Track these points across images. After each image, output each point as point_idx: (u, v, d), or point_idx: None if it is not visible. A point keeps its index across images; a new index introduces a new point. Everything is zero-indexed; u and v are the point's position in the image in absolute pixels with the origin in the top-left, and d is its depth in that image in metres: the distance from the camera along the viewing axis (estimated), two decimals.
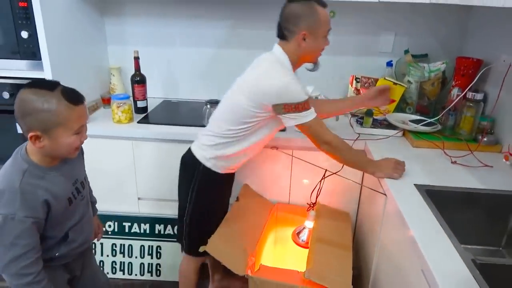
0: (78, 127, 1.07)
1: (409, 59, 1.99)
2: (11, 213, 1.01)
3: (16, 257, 1.02)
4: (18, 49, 1.71)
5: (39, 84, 1.03)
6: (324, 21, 1.35)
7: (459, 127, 1.72)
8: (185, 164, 1.53)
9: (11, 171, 1.05)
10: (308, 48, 1.37)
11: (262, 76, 1.35)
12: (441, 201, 1.22)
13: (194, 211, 1.52)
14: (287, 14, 1.35)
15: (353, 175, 1.73)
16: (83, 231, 1.23)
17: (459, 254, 0.97)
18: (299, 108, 1.30)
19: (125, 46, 2.19)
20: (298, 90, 1.30)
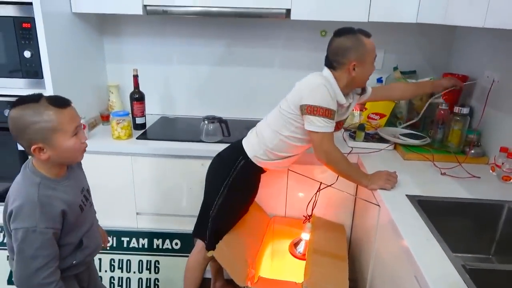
0: (74, 128, 1.10)
1: (398, 75, 2.07)
2: (32, 226, 1.04)
3: (38, 268, 1.05)
4: (21, 67, 1.75)
5: (23, 100, 1.05)
6: (370, 50, 1.44)
7: (447, 140, 1.79)
8: (221, 157, 1.62)
9: (25, 186, 1.08)
10: (358, 76, 1.45)
11: (303, 82, 1.47)
12: (432, 210, 1.27)
13: (224, 203, 1.57)
14: (335, 47, 1.45)
15: (348, 187, 1.78)
16: (94, 236, 1.27)
17: (450, 260, 1.02)
18: (319, 112, 1.38)
19: (123, 64, 2.25)
20: (327, 96, 1.38)
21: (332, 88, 1.42)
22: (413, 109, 2.05)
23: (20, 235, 1.04)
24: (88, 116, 1.97)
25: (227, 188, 1.55)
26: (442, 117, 1.79)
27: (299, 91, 1.45)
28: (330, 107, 1.39)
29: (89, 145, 1.86)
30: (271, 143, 1.53)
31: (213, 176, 1.62)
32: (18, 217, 1.05)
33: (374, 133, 1.93)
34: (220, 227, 1.60)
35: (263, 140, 1.54)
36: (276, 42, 2.18)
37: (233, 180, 1.55)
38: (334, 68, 1.46)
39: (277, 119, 1.52)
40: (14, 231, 1.05)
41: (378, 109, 2.05)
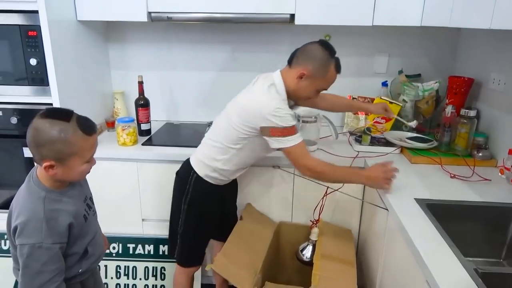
0: (91, 156, 1.10)
1: (403, 79, 2.07)
2: (38, 242, 1.02)
3: (44, 283, 1.03)
4: (26, 75, 1.76)
5: (54, 113, 1.04)
6: (327, 79, 1.43)
7: (454, 143, 1.77)
8: (178, 175, 1.60)
9: (31, 201, 1.06)
10: (299, 88, 1.42)
11: (253, 99, 1.40)
12: (441, 214, 1.26)
13: (187, 221, 1.56)
14: (307, 48, 1.42)
15: (355, 191, 1.77)
16: (99, 244, 1.26)
17: (461, 264, 1.00)
18: (285, 133, 1.35)
19: (128, 71, 2.26)
20: (285, 115, 1.35)
21: (283, 99, 1.40)
22: (419, 112, 2.04)
23: (26, 251, 1.02)
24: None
25: (187, 205, 1.54)
26: (448, 120, 1.78)
27: (252, 112, 1.37)
28: (292, 124, 1.37)
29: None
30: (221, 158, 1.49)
31: (174, 195, 1.61)
32: (23, 233, 1.03)
33: (380, 137, 1.92)
34: (190, 243, 1.59)
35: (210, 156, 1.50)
36: (280, 47, 2.18)
37: (190, 196, 1.53)
38: (291, 64, 1.44)
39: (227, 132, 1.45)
40: (20, 247, 1.03)
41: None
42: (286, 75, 1.43)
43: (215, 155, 1.49)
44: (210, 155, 1.50)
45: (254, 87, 1.45)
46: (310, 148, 1.84)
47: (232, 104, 1.49)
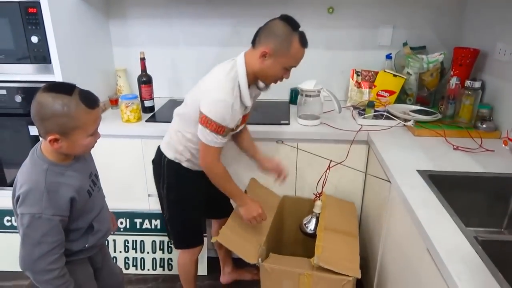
0: (94, 129, 1.11)
1: (408, 51, 2.04)
2: (38, 212, 1.04)
3: (44, 254, 1.06)
4: (29, 53, 1.76)
5: (57, 87, 1.04)
6: (293, 55, 1.34)
7: (458, 115, 1.77)
8: (153, 162, 1.59)
9: (32, 172, 1.08)
10: (264, 67, 1.35)
11: (211, 85, 1.35)
12: (443, 185, 1.27)
13: (170, 206, 1.57)
14: (268, 26, 1.35)
15: (358, 164, 1.78)
16: (105, 220, 1.28)
17: (462, 233, 1.02)
18: (212, 127, 1.30)
19: (129, 47, 2.24)
20: (223, 111, 1.29)
21: (237, 89, 1.34)
22: (423, 85, 2.02)
23: (26, 221, 1.05)
24: None
25: (165, 190, 1.55)
26: (453, 92, 1.76)
27: (202, 92, 1.35)
28: (225, 124, 1.31)
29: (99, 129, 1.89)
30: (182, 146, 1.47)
31: (155, 182, 1.60)
32: (24, 202, 1.05)
33: (383, 110, 1.91)
34: (179, 227, 1.60)
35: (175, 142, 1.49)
36: None
37: (167, 181, 1.53)
38: (254, 44, 1.37)
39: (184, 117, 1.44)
40: (21, 216, 1.06)
41: (387, 86, 2.02)
42: (250, 57, 1.36)
43: (177, 143, 1.48)
44: (172, 141, 1.49)
45: (216, 68, 1.41)
46: (313, 122, 1.84)
47: (194, 89, 1.46)
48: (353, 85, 2.13)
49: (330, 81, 2.18)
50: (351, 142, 1.76)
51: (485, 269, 0.88)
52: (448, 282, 0.89)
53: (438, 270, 0.95)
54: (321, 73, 2.20)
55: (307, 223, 1.71)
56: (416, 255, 1.15)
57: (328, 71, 2.22)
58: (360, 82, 2.11)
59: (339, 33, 2.15)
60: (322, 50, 2.19)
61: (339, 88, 2.23)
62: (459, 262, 0.90)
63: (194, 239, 1.64)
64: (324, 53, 2.20)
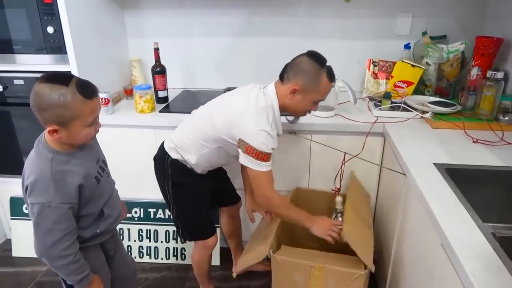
0: (93, 120, 1.10)
1: (427, 40, 1.97)
2: (46, 201, 1.06)
3: (56, 241, 1.09)
4: (45, 44, 1.78)
5: (53, 77, 1.03)
6: (321, 91, 1.39)
7: (479, 107, 1.70)
8: (155, 160, 1.59)
9: (38, 162, 1.09)
10: (293, 103, 1.40)
11: (244, 111, 1.35)
12: (461, 179, 1.22)
13: (176, 202, 1.57)
14: (296, 62, 1.38)
15: (373, 156, 1.75)
16: (115, 206, 1.30)
17: (478, 228, 0.98)
18: (257, 155, 1.32)
19: (144, 38, 2.25)
20: (265, 141, 1.31)
21: (272, 117, 1.36)
22: (443, 75, 1.96)
23: (36, 210, 1.06)
24: (112, 91, 1.99)
25: (171, 188, 1.54)
26: (473, 83, 1.70)
27: (237, 122, 1.34)
28: (268, 151, 1.33)
29: (113, 119, 1.90)
30: (192, 152, 1.47)
31: (158, 180, 1.59)
32: (33, 192, 1.07)
33: (400, 101, 1.86)
34: (186, 222, 1.60)
35: (182, 147, 1.48)
36: (297, 11, 2.11)
37: (171, 179, 1.52)
38: (283, 80, 1.40)
39: (206, 130, 1.43)
40: (31, 205, 1.08)
41: (405, 77, 1.97)
42: (279, 90, 1.40)
43: (187, 148, 1.47)
44: (183, 146, 1.48)
45: (249, 96, 1.39)
46: (328, 114, 1.81)
47: (221, 104, 1.45)
48: (369, 75, 2.08)
49: (346, 72, 2.13)
50: (366, 134, 1.72)
51: (502, 266, 0.85)
52: (462, 279, 0.86)
53: (452, 266, 0.92)
54: (337, 63, 2.11)
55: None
56: (430, 251, 1.12)
57: (344, 61, 2.18)
58: (377, 73, 2.06)
59: (356, 22, 2.10)
60: (338, 39, 2.15)
61: (355, 79, 2.18)
62: (474, 259, 0.87)
63: (205, 230, 1.64)
64: (340, 43, 2.16)
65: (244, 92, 1.41)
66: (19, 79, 1.87)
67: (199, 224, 1.62)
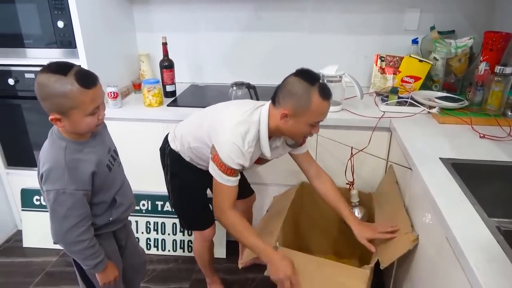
0: (93, 109, 1.10)
1: (435, 35, 1.97)
2: (61, 188, 1.09)
3: (71, 226, 1.12)
4: (55, 38, 1.81)
5: (53, 67, 1.05)
6: (314, 111, 1.23)
7: (487, 102, 1.70)
8: (159, 149, 1.61)
9: (52, 151, 1.12)
10: (288, 127, 1.28)
11: (226, 119, 1.31)
12: (467, 174, 1.23)
13: (174, 192, 1.58)
14: (284, 83, 1.27)
15: (379, 151, 1.75)
16: (127, 194, 1.32)
17: (483, 222, 0.99)
18: (221, 167, 1.26)
19: (152, 33, 2.27)
20: (233, 155, 1.25)
21: (254, 135, 1.28)
22: (451, 71, 1.95)
23: (51, 196, 1.10)
24: (121, 85, 2.01)
25: (169, 176, 1.56)
26: (481, 78, 1.70)
27: (217, 128, 1.31)
28: (234, 166, 1.26)
29: (122, 113, 1.92)
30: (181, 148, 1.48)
31: (162, 169, 1.60)
32: (48, 179, 1.10)
33: (407, 96, 1.86)
34: (183, 211, 1.61)
35: (179, 139, 1.49)
36: (305, 5, 2.11)
37: (170, 168, 1.54)
38: (274, 104, 1.29)
39: (196, 129, 1.42)
40: (46, 192, 1.11)
41: (412, 72, 1.97)
42: (272, 113, 1.29)
43: (180, 138, 1.49)
44: (178, 137, 1.50)
45: (240, 107, 1.34)
46: (334, 109, 1.81)
47: (216, 108, 1.44)
48: (376, 70, 2.08)
49: (353, 67, 2.13)
50: (373, 129, 1.73)
51: (506, 259, 0.86)
52: (466, 271, 0.87)
53: (456, 259, 0.93)
54: (344, 58, 2.16)
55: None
56: (434, 244, 1.13)
57: (351, 56, 2.18)
58: (384, 68, 2.06)
59: (364, 17, 2.10)
60: (345, 34, 2.15)
61: (362, 74, 2.18)
62: (478, 251, 0.88)
63: (201, 222, 1.64)
64: (347, 38, 2.16)
65: (239, 104, 1.39)
66: (30, 73, 1.90)
67: (195, 215, 1.63)
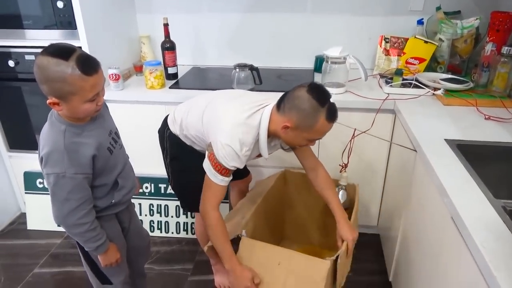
0: (93, 95, 1.07)
1: (441, 16, 1.93)
2: (61, 172, 1.08)
3: (72, 209, 1.12)
4: (55, 19, 1.78)
5: (54, 51, 1.01)
6: (316, 131, 1.23)
7: (492, 84, 1.68)
8: (158, 132, 1.59)
9: (52, 134, 1.10)
10: (287, 137, 1.28)
11: (225, 120, 1.29)
12: (472, 155, 1.22)
13: (174, 174, 1.59)
14: (294, 95, 1.23)
15: (383, 133, 1.74)
16: (129, 177, 1.32)
17: (489, 201, 0.99)
18: (216, 166, 1.26)
19: (153, 14, 2.23)
20: (228, 156, 1.24)
21: (252, 139, 1.27)
22: (456, 52, 1.93)
23: (51, 180, 1.09)
24: (122, 67, 1.99)
25: (168, 159, 1.55)
26: (488, 59, 1.68)
27: (214, 128, 1.30)
28: (228, 167, 1.26)
29: (124, 95, 1.91)
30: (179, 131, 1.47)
31: (162, 153, 1.60)
32: (48, 163, 1.08)
33: (412, 78, 1.84)
34: (183, 193, 1.61)
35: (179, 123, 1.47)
36: None
37: (169, 151, 1.54)
38: (278, 109, 1.26)
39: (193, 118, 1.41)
40: (46, 176, 1.10)
41: (417, 54, 1.94)
42: (274, 117, 1.28)
43: (179, 127, 1.47)
44: (178, 120, 1.48)
45: (242, 108, 1.30)
46: (338, 90, 1.80)
47: (219, 101, 1.39)
48: (381, 52, 2.05)
49: (357, 48, 2.10)
50: (376, 111, 1.71)
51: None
52: (472, 250, 0.87)
53: (462, 238, 0.93)
54: (348, 39, 2.13)
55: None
56: (439, 224, 1.13)
57: (355, 37, 2.15)
58: (389, 49, 2.03)
59: None
60: (349, 15, 2.11)
61: (366, 56, 2.15)
62: (484, 230, 0.88)
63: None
64: (351, 19, 2.12)
65: (240, 100, 1.35)
66: (30, 55, 1.87)
67: (195, 197, 1.63)
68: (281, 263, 1.29)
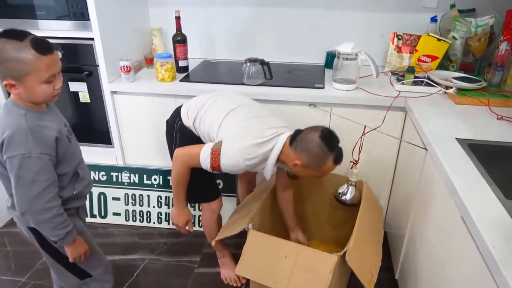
0: (49, 76, 1.07)
1: (455, 14, 1.91)
2: (27, 152, 1.06)
3: (39, 192, 1.09)
4: (68, 10, 1.79)
5: (9, 33, 1.03)
6: (322, 171, 1.37)
7: (506, 83, 1.67)
8: (167, 123, 1.63)
9: (11, 118, 1.09)
10: (293, 169, 1.40)
11: (242, 136, 1.39)
12: (484, 155, 1.21)
13: None
14: (307, 138, 1.33)
15: (393, 131, 1.74)
16: (87, 170, 1.33)
17: (500, 202, 0.98)
18: (214, 163, 1.37)
19: (165, 7, 2.23)
20: (229, 164, 1.36)
21: (258, 160, 1.38)
22: (469, 50, 1.91)
23: (16, 162, 1.06)
24: (133, 59, 1.99)
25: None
26: (501, 59, 1.66)
27: (232, 139, 1.38)
28: (223, 170, 1.39)
29: (134, 88, 1.92)
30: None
31: (167, 142, 1.64)
32: (11, 145, 1.06)
33: (424, 76, 1.83)
34: (191, 184, 1.60)
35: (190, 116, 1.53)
36: None
37: (179, 140, 1.56)
38: (291, 145, 1.36)
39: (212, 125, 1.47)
40: (10, 160, 1.07)
41: (430, 51, 1.92)
42: (286, 151, 1.38)
43: (191, 122, 1.52)
44: (192, 121, 1.52)
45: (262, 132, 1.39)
46: (349, 87, 1.79)
47: (237, 118, 1.45)
48: (393, 49, 2.04)
49: (369, 45, 2.09)
50: (387, 108, 1.70)
51: None
52: (481, 250, 0.87)
53: (471, 237, 0.93)
54: (360, 36, 2.12)
55: (343, 193, 1.66)
56: (449, 223, 1.12)
57: (367, 34, 2.13)
58: (401, 47, 2.02)
59: None
60: (361, 11, 2.10)
61: (378, 53, 2.14)
62: (494, 230, 0.88)
63: (207, 194, 1.67)
64: (363, 15, 2.11)
65: (265, 127, 1.41)
66: None
67: (202, 189, 1.66)
68: (288, 256, 1.30)
